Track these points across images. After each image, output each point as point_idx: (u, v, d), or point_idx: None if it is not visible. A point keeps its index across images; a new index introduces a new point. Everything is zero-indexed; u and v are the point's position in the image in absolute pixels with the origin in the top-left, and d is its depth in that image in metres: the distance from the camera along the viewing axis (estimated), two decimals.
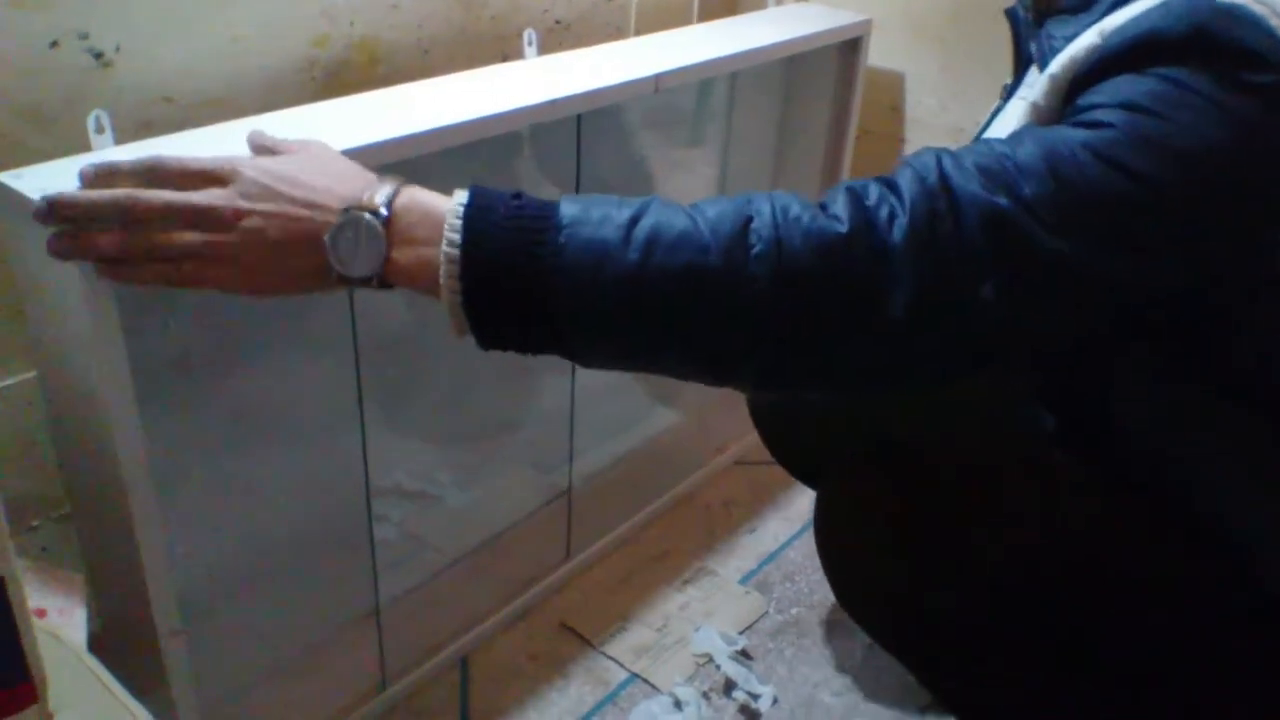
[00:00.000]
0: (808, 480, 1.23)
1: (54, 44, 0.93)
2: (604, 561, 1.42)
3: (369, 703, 1.15)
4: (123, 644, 0.93)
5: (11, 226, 0.79)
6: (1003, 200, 0.69)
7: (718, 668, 1.25)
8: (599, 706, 1.20)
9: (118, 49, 0.97)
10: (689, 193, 1.57)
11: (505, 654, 1.26)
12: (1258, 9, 0.70)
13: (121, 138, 0.85)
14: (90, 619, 0.92)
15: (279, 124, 0.92)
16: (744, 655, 1.27)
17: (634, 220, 0.67)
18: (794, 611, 1.35)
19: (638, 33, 1.49)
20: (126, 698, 0.71)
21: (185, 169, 0.71)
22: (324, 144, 0.76)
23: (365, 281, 0.70)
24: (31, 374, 0.98)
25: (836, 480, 0.92)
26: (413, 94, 1.02)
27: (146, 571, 0.85)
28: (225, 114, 0.94)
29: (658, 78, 1.14)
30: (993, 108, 0.99)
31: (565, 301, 0.67)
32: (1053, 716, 0.95)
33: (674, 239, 0.67)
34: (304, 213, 0.69)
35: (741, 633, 1.31)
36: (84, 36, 0.94)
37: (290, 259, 0.70)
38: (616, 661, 1.26)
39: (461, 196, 0.69)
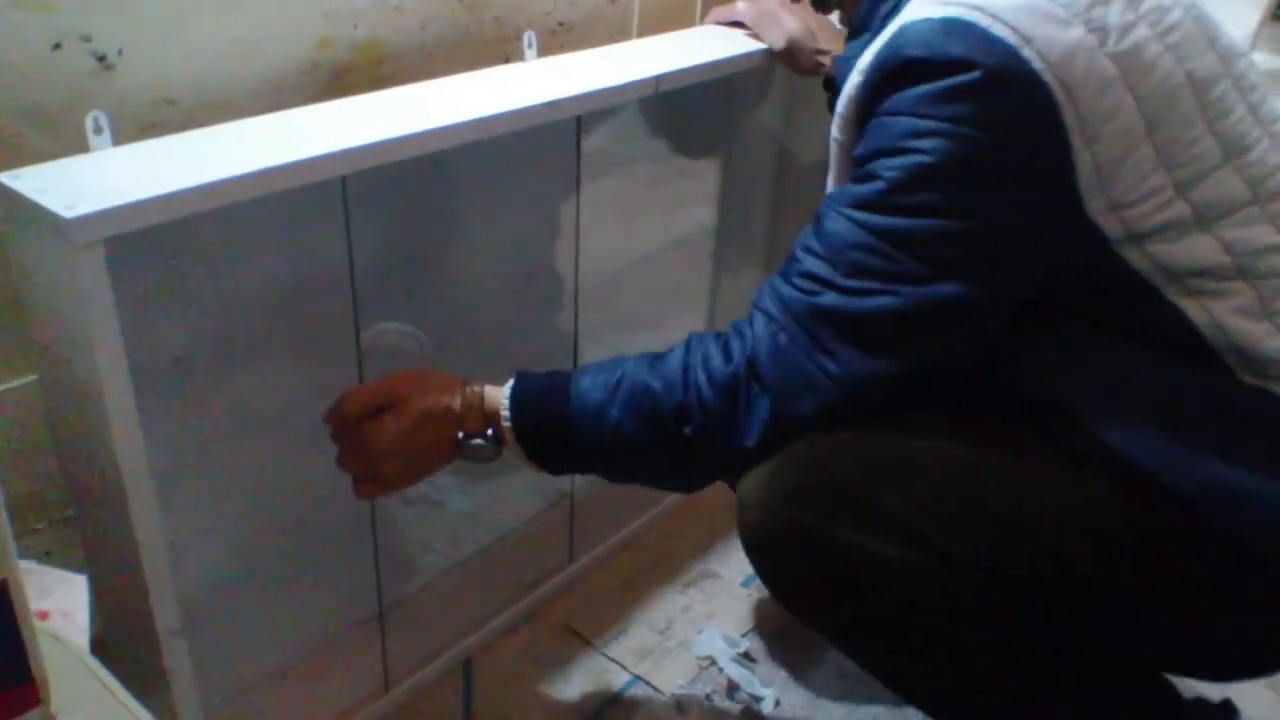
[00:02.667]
0: None
1: (56, 46, 0.93)
2: (606, 564, 1.42)
3: (372, 705, 1.15)
4: (124, 646, 0.93)
5: (12, 228, 0.79)
6: (827, 297, 0.86)
7: (720, 670, 1.25)
8: (601, 709, 1.19)
9: (120, 52, 0.97)
10: (690, 194, 1.58)
11: (508, 657, 1.26)
12: (969, 15, 0.81)
13: (124, 139, 0.86)
14: (92, 621, 0.92)
15: (282, 125, 0.92)
16: (746, 658, 1.27)
17: (617, 384, 0.93)
18: None
19: (640, 34, 1.49)
20: (128, 699, 0.71)
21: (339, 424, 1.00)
22: (414, 384, 1.00)
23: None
24: (33, 376, 0.98)
25: (747, 484, 0.93)
26: (414, 95, 1.02)
27: (146, 572, 0.85)
28: (228, 116, 0.94)
29: (658, 79, 1.14)
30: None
31: (583, 448, 0.95)
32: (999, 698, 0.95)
33: (640, 394, 0.92)
34: (429, 454, 1.00)
35: (744, 635, 1.30)
36: (86, 39, 0.94)
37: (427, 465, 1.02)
38: (619, 664, 1.26)
39: (509, 387, 0.98)
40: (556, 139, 1.16)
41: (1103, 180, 0.82)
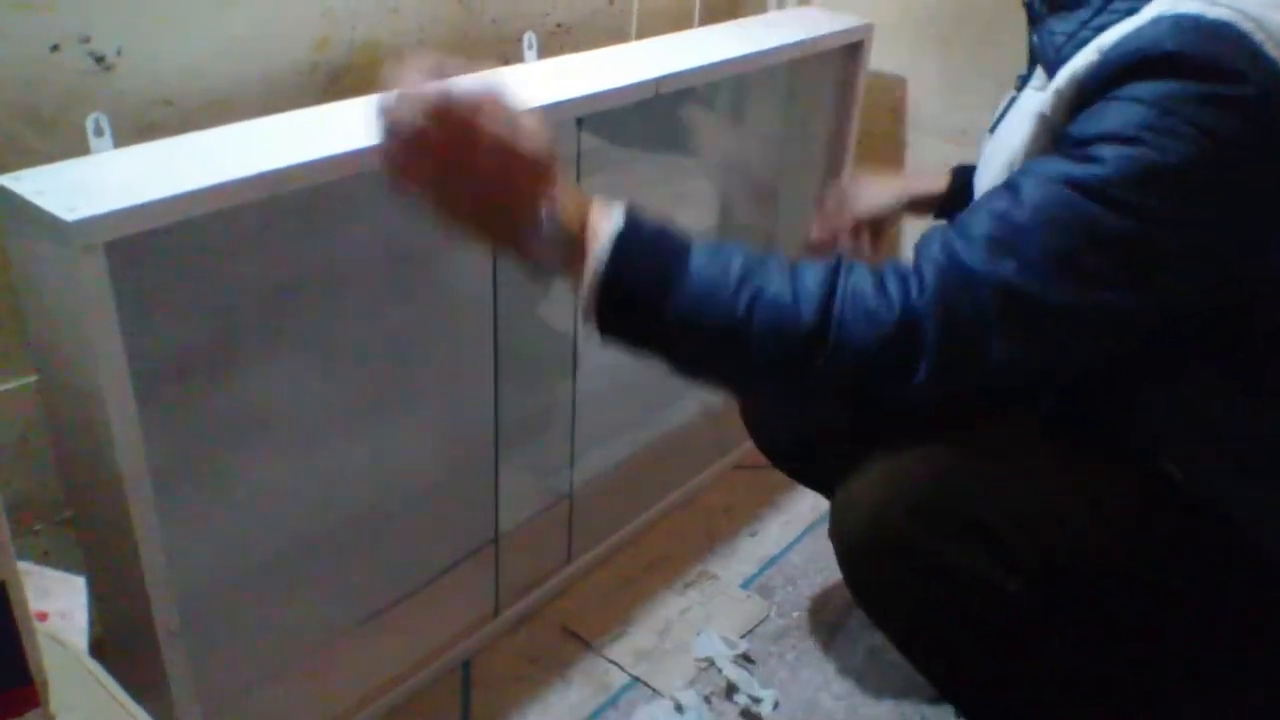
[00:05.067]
0: (800, 477, 1.24)
1: (55, 47, 0.93)
2: (605, 565, 1.42)
3: (371, 705, 1.15)
4: (124, 647, 0.93)
5: (13, 230, 0.79)
6: (1008, 268, 0.78)
7: (719, 671, 1.25)
8: (600, 710, 1.19)
9: (119, 52, 0.97)
10: (691, 197, 1.57)
11: (506, 657, 1.26)
12: (1244, 25, 0.74)
13: (122, 140, 0.86)
14: (91, 622, 0.91)
15: (281, 127, 0.92)
16: (745, 659, 1.27)
17: (742, 279, 0.82)
18: (795, 615, 1.35)
19: (639, 36, 1.49)
20: (127, 700, 0.71)
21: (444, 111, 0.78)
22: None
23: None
24: (32, 377, 0.98)
25: (854, 490, 0.93)
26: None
27: (145, 573, 0.85)
28: (226, 117, 0.94)
29: (658, 81, 1.14)
30: (1007, 97, 1.01)
31: (673, 329, 0.82)
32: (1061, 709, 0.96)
33: (772, 299, 0.81)
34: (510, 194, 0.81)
35: (743, 636, 1.30)
36: (85, 40, 0.94)
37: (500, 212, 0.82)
38: (618, 665, 1.25)
39: (617, 222, 0.81)
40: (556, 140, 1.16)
41: None
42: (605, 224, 0.81)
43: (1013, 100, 1.00)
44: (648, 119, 1.40)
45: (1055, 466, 0.92)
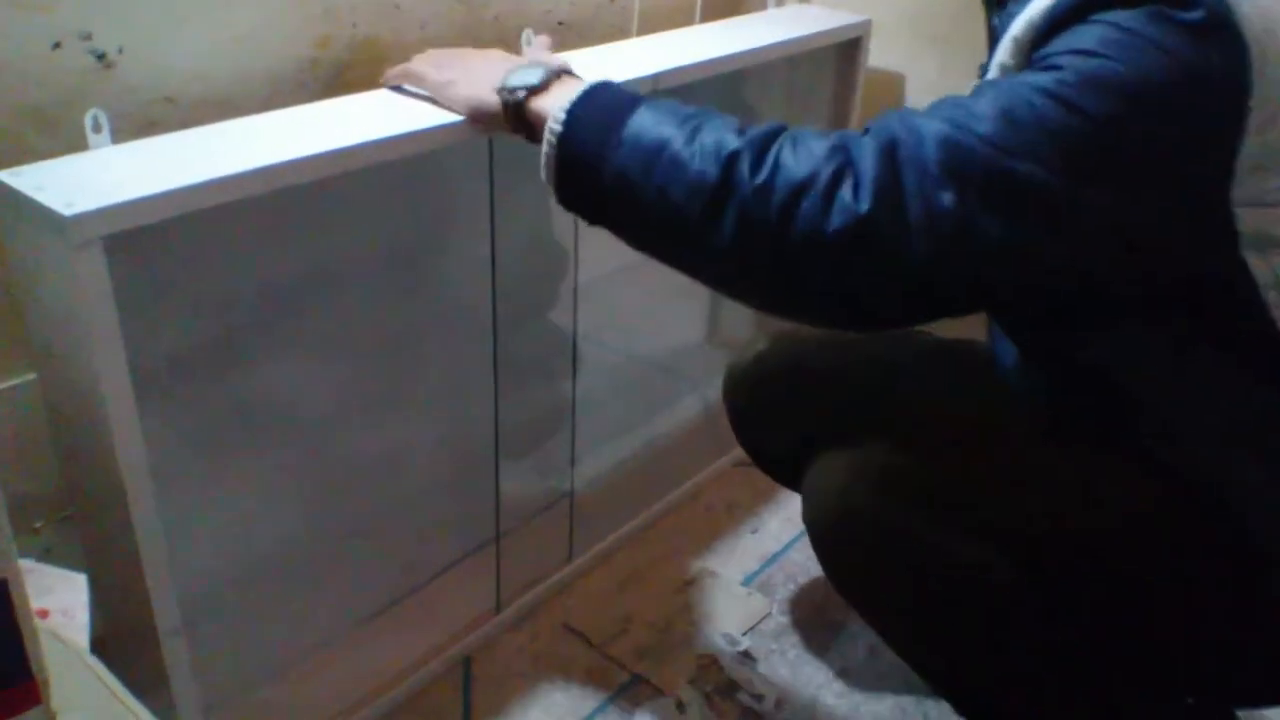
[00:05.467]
0: (785, 481, 1.24)
1: (56, 45, 0.93)
2: (606, 563, 1.42)
3: (372, 703, 1.15)
4: (125, 645, 0.93)
5: (11, 226, 0.79)
6: (960, 135, 0.78)
7: (720, 669, 1.25)
8: (601, 708, 1.19)
9: (120, 50, 0.97)
10: None
11: (508, 655, 1.26)
12: None
13: (123, 138, 0.86)
14: (93, 620, 0.91)
15: (280, 124, 0.92)
16: (747, 656, 1.27)
17: (695, 114, 0.84)
18: (797, 612, 1.35)
19: (640, 33, 1.49)
20: (128, 698, 0.71)
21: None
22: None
23: (517, 104, 0.90)
24: (32, 375, 0.98)
25: (823, 474, 0.93)
26: (413, 93, 1.02)
27: (146, 571, 0.85)
28: (227, 114, 0.94)
29: (656, 78, 1.14)
30: (970, 86, 1.01)
31: (622, 158, 0.84)
32: (1053, 700, 0.96)
33: (717, 129, 0.82)
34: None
35: (744, 634, 1.30)
36: (86, 37, 0.94)
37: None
38: (619, 663, 1.25)
39: (579, 89, 0.87)
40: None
41: (1258, 171, 0.79)
42: (567, 96, 0.86)
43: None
44: None
45: (1030, 452, 0.93)
